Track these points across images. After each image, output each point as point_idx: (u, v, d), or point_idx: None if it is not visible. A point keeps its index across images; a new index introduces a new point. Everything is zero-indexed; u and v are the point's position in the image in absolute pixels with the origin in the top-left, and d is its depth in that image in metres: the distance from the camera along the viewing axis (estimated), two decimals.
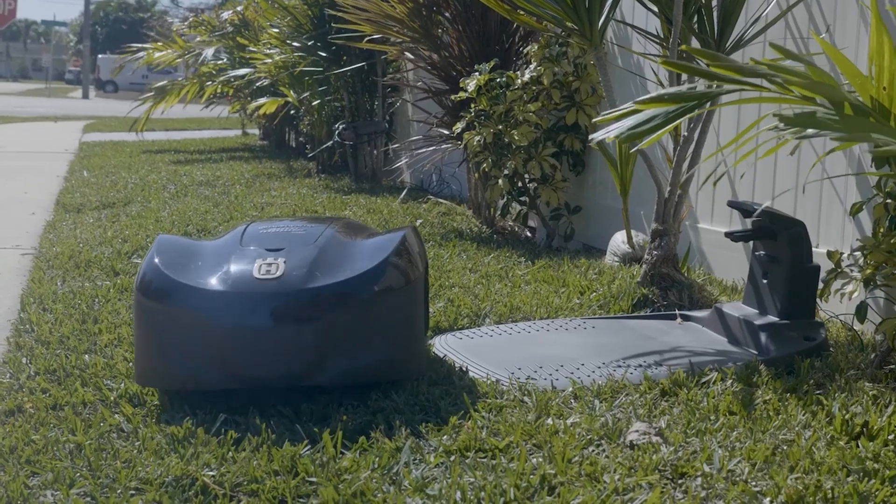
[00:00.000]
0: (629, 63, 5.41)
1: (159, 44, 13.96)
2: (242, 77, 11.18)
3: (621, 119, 2.57)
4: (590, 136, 2.69)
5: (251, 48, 10.63)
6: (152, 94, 13.04)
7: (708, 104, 2.62)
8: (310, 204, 7.15)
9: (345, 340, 2.86)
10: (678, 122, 2.49)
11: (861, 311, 3.26)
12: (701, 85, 2.60)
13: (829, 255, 3.36)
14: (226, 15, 12.43)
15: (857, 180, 3.87)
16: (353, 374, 2.89)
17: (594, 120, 5.01)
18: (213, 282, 2.90)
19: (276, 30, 9.64)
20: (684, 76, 4.16)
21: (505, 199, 5.97)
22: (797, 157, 4.14)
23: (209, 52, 12.39)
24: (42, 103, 30.65)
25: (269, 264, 2.92)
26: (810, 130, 2.32)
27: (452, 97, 6.15)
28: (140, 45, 14.29)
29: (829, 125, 2.34)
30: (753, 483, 2.33)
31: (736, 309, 3.65)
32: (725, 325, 3.63)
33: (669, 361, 3.33)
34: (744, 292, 3.73)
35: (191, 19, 13.90)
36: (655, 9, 4.28)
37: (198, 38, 13.14)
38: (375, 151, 9.17)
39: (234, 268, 2.93)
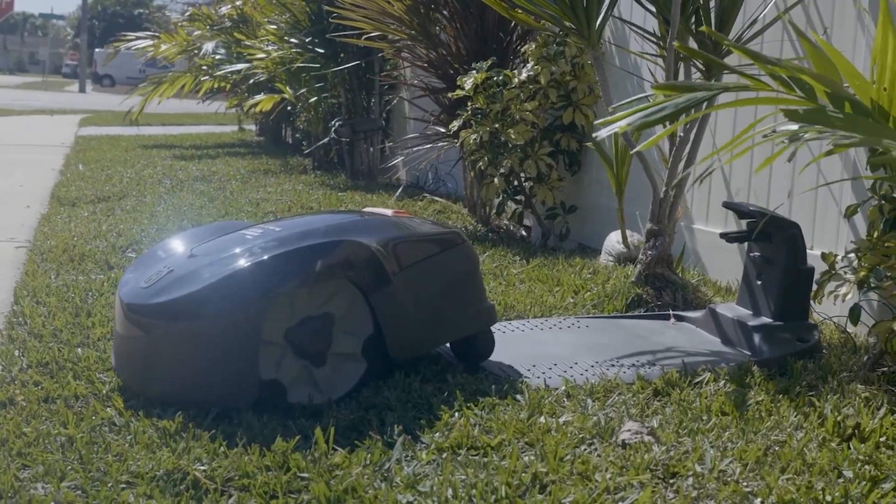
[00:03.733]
0: (626, 63, 5.41)
1: (162, 36, 13.95)
2: (239, 72, 11.16)
3: (631, 115, 2.56)
4: (594, 131, 2.65)
5: (248, 43, 10.62)
6: (146, 84, 13.03)
7: (716, 100, 2.62)
8: (305, 200, 7.14)
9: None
10: (689, 115, 2.48)
11: (854, 314, 3.26)
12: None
13: (824, 256, 3.36)
14: (224, 10, 12.41)
15: (852, 182, 3.87)
16: None
17: (596, 122, 5.02)
18: None
19: (274, 26, 9.63)
20: (681, 77, 4.16)
21: (501, 198, 5.97)
22: (793, 159, 4.14)
23: (209, 46, 12.37)
24: (38, 97, 30.60)
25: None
26: (816, 127, 2.32)
27: (449, 95, 6.15)
28: (136, 35, 14.26)
29: (835, 123, 2.34)
30: (745, 483, 2.34)
31: (730, 310, 3.65)
32: (719, 325, 3.64)
33: (662, 361, 3.33)
34: (738, 293, 3.73)
35: (190, 11, 13.86)
36: (653, 9, 4.28)
37: (196, 33, 13.12)
38: (372, 149, 9.17)
39: None
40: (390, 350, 3.05)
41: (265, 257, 2.92)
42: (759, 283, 3.57)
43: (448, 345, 3.31)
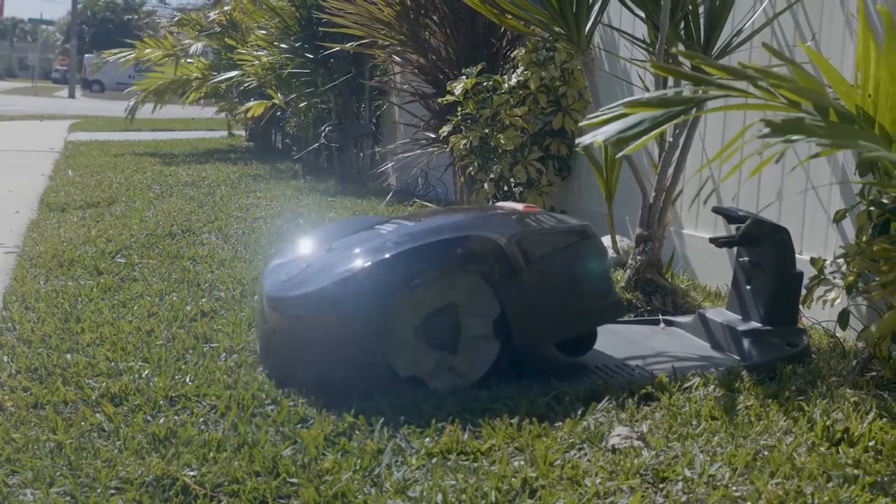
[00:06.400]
0: (616, 68, 5.42)
1: (148, 40, 13.94)
2: (230, 80, 11.16)
3: (608, 123, 2.57)
4: (577, 140, 2.72)
5: (239, 49, 10.61)
6: (143, 93, 13.04)
7: (694, 110, 2.62)
8: (295, 206, 7.14)
9: None
10: (665, 126, 2.49)
11: (843, 318, 3.27)
12: (687, 91, 2.60)
13: (813, 261, 3.37)
14: (213, 15, 12.40)
15: (840, 187, 3.88)
16: None
17: (581, 124, 5.02)
18: None
19: (264, 31, 9.63)
20: (671, 83, 4.17)
21: (491, 203, 5.97)
22: (781, 163, 4.15)
23: (198, 46, 12.36)
24: (28, 102, 30.54)
25: None
26: (797, 136, 2.32)
27: (439, 101, 6.15)
28: (120, 50, 14.26)
29: (816, 132, 2.34)
30: (734, 488, 2.34)
31: (719, 314, 3.66)
32: (708, 330, 3.64)
33: (652, 366, 3.33)
34: (727, 298, 3.74)
35: (179, 17, 13.84)
36: (642, 14, 4.29)
37: (187, 39, 13.11)
38: (362, 154, 9.17)
39: None
40: (516, 340, 3.15)
41: (396, 252, 3.09)
42: (748, 287, 3.58)
43: None
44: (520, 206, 3.53)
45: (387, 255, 3.09)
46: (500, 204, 3.79)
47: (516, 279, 3.13)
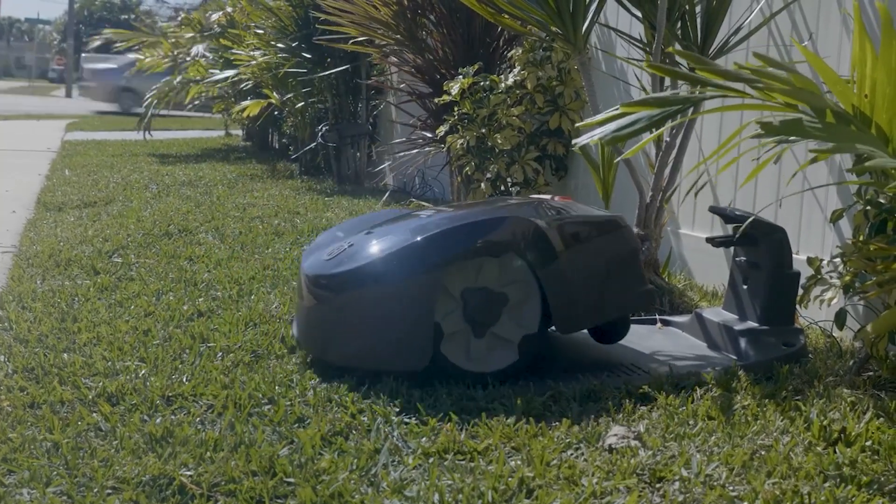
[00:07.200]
0: (613, 68, 5.42)
1: (147, 40, 13.95)
2: (227, 79, 11.14)
3: (605, 123, 2.57)
4: (573, 141, 2.77)
5: (236, 50, 10.60)
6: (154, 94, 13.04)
7: (691, 109, 2.62)
8: (292, 205, 7.13)
9: None
10: (662, 127, 2.49)
11: (840, 318, 3.27)
12: (683, 90, 2.60)
13: (810, 261, 3.37)
14: (215, 16, 12.40)
15: (837, 187, 3.89)
16: None
17: (578, 125, 5.01)
18: None
19: (261, 31, 9.62)
20: (667, 83, 4.17)
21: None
22: (778, 163, 4.15)
23: (199, 48, 12.36)
24: (25, 101, 30.49)
25: None
26: (794, 137, 2.32)
27: (436, 100, 6.15)
28: (120, 31, 14.29)
29: (812, 133, 2.35)
30: (731, 488, 2.34)
31: (716, 314, 3.66)
32: (705, 330, 3.64)
33: (649, 366, 3.34)
34: (724, 298, 3.74)
35: (181, 17, 13.85)
36: (639, 14, 4.29)
37: (187, 36, 13.12)
38: (358, 154, 9.17)
39: None
40: (556, 324, 3.25)
41: (440, 230, 3.17)
42: (745, 287, 3.58)
43: None
44: (557, 198, 3.61)
45: (429, 233, 3.17)
46: (533, 196, 3.85)
47: (556, 262, 3.21)
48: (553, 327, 3.31)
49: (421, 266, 3.11)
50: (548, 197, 3.64)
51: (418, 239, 3.15)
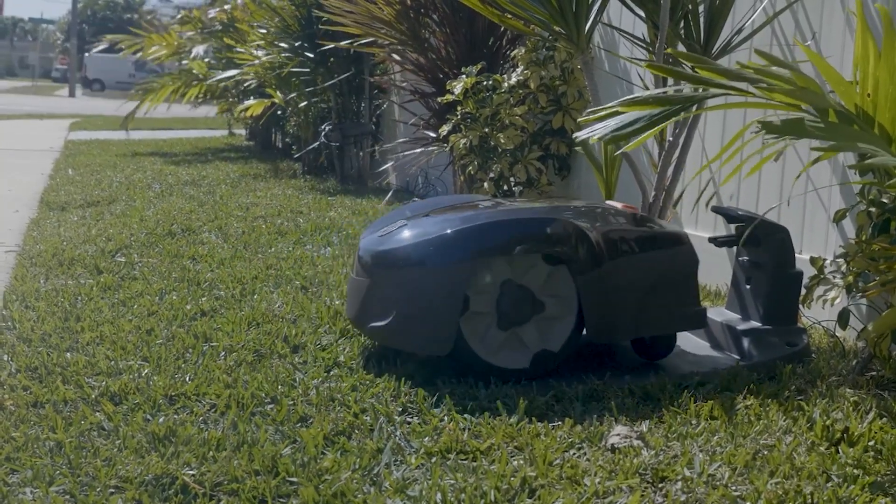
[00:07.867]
0: (616, 68, 5.42)
1: (153, 36, 13.96)
2: (230, 78, 11.15)
3: (605, 120, 2.57)
4: (574, 135, 2.79)
5: (239, 49, 10.60)
6: (137, 90, 13.04)
7: (694, 108, 2.62)
8: (295, 205, 7.14)
9: None
10: (662, 125, 2.49)
11: (843, 318, 3.27)
12: (686, 89, 2.60)
13: (812, 261, 3.37)
14: (213, 12, 12.39)
15: (840, 187, 3.88)
16: None
17: (578, 120, 5.00)
18: None
19: (264, 30, 9.62)
20: (670, 82, 4.16)
21: None
22: (782, 162, 4.15)
23: (200, 49, 12.37)
24: (28, 101, 30.51)
25: None
26: (796, 136, 2.32)
27: (439, 100, 6.15)
28: (124, 37, 14.30)
29: (815, 133, 2.34)
30: (734, 488, 2.34)
31: (719, 314, 3.66)
32: (708, 329, 3.64)
33: (652, 365, 3.34)
34: (727, 297, 3.74)
35: (182, 14, 13.86)
36: (642, 13, 4.28)
37: (189, 34, 13.13)
38: (361, 153, 9.17)
39: None
40: (588, 331, 3.23)
41: (485, 223, 3.21)
42: (748, 287, 3.58)
43: None
44: (619, 206, 3.60)
45: (472, 225, 3.21)
46: (606, 203, 3.86)
47: (597, 269, 3.20)
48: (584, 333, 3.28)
49: (454, 255, 3.17)
50: (617, 204, 3.63)
51: (458, 229, 3.21)
